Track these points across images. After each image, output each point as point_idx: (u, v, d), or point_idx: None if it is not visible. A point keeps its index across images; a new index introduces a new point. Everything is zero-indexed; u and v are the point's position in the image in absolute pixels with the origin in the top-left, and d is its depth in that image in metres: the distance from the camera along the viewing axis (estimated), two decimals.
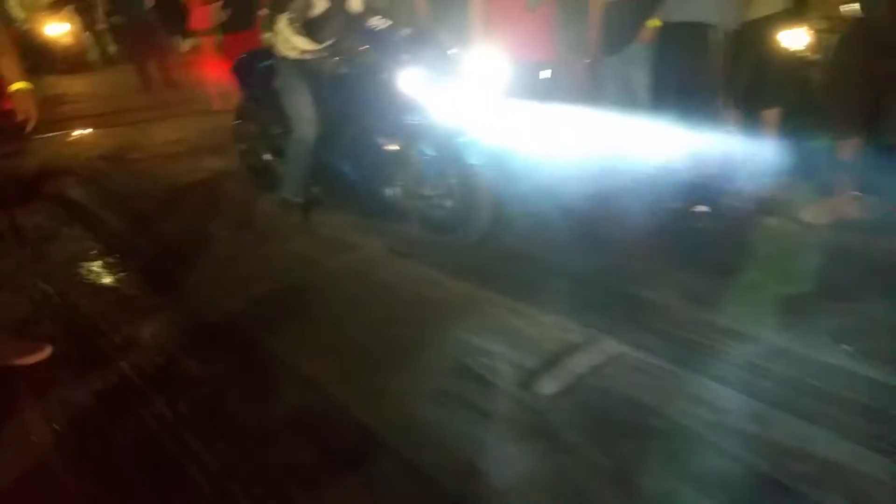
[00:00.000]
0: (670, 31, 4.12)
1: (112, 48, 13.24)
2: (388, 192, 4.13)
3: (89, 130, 7.80)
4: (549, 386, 2.70)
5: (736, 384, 2.62)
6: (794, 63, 4.66)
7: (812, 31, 4.64)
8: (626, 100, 4.84)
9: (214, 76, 7.87)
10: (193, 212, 4.80)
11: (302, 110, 4.11)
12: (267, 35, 4.54)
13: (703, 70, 4.07)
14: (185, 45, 12.49)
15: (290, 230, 4.31)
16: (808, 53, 4.84)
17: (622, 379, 2.72)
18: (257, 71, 4.65)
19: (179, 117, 8.15)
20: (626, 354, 2.87)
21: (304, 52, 4.12)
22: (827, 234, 3.89)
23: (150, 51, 10.04)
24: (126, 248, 4.26)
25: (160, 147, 6.74)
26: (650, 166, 4.74)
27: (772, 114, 4.66)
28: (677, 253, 3.78)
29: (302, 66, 4.13)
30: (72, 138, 7.55)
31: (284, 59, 4.16)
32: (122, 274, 3.90)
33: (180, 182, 5.48)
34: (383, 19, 4.02)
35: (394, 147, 4.04)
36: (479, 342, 3.02)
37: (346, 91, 4.09)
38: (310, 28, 4.06)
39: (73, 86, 11.21)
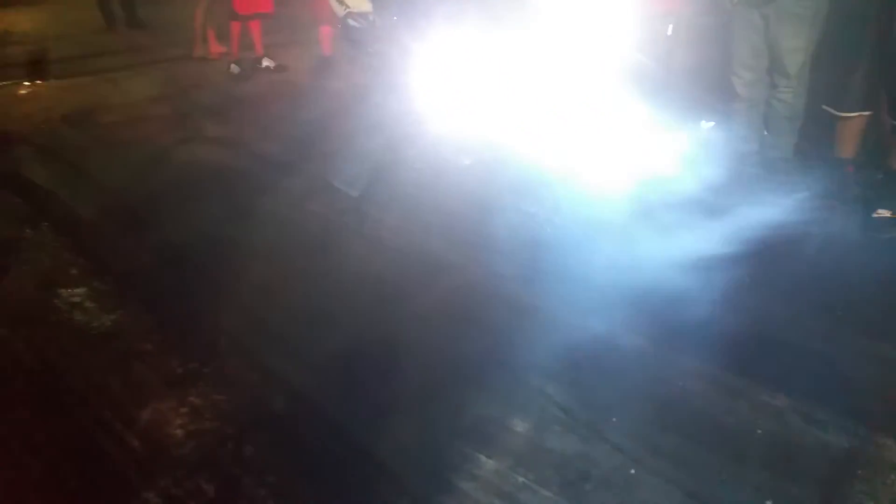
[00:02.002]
0: None
1: None
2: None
3: (44, 81, 6.33)
4: None
5: None
6: None
7: None
8: (760, 66, 3.73)
9: (201, 15, 6.49)
10: (208, 207, 3.54)
11: (378, 74, 2.94)
12: None
13: None
14: None
15: (349, 237, 3.16)
16: None
17: None
18: None
19: (154, 65, 6.72)
20: None
21: (348, 10, 2.95)
22: None
23: None
24: (121, 267, 3.05)
25: (139, 106, 5.38)
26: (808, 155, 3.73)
27: None
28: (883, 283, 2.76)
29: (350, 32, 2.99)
30: (22, 92, 6.08)
31: None
32: (120, 312, 2.72)
33: (177, 159, 4.22)
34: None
35: (466, 161, 2.97)
36: (708, 458, 1.98)
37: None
38: None
39: (17, 22, 9.46)
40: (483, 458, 1.98)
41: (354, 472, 1.97)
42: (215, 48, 6.86)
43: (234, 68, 6.22)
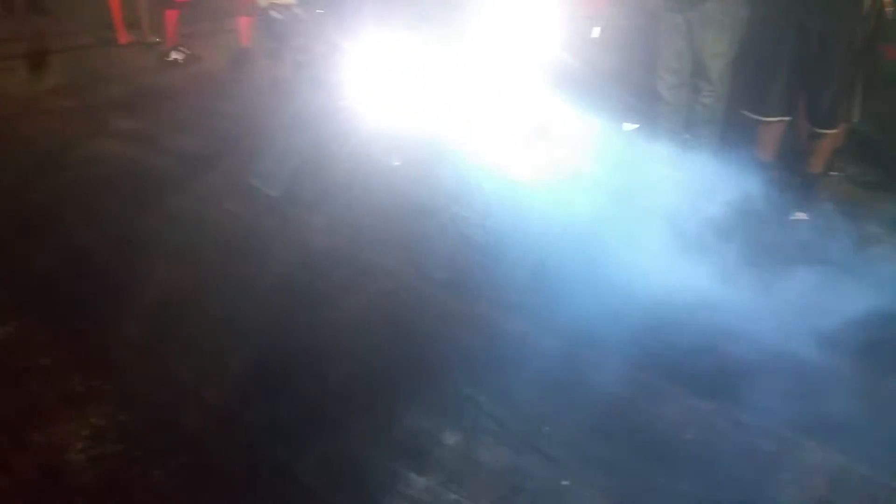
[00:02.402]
0: None
1: None
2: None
3: None
4: None
5: None
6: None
7: None
8: (684, 70, 3.79)
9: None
10: (115, 208, 3.29)
11: (301, 69, 2.81)
12: None
13: (845, 46, 3.09)
14: None
15: (271, 240, 3.01)
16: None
17: None
18: None
19: (59, 54, 6.28)
20: None
21: (271, 2, 2.83)
22: None
23: None
24: (17, 274, 2.80)
25: (41, 98, 5.00)
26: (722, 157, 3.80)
27: None
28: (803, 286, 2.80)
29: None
30: None
31: None
32: (15, 323, 2.49)
33: (83, 156, 3.92)
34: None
35: (396, 162, 2.88)
36: None
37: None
38: None
39: None
40: (413, 474, 1.89)
41: (274, 493, 1.85)
42: (125, 36, 6.52)
43: (175, 55, 5.91)
